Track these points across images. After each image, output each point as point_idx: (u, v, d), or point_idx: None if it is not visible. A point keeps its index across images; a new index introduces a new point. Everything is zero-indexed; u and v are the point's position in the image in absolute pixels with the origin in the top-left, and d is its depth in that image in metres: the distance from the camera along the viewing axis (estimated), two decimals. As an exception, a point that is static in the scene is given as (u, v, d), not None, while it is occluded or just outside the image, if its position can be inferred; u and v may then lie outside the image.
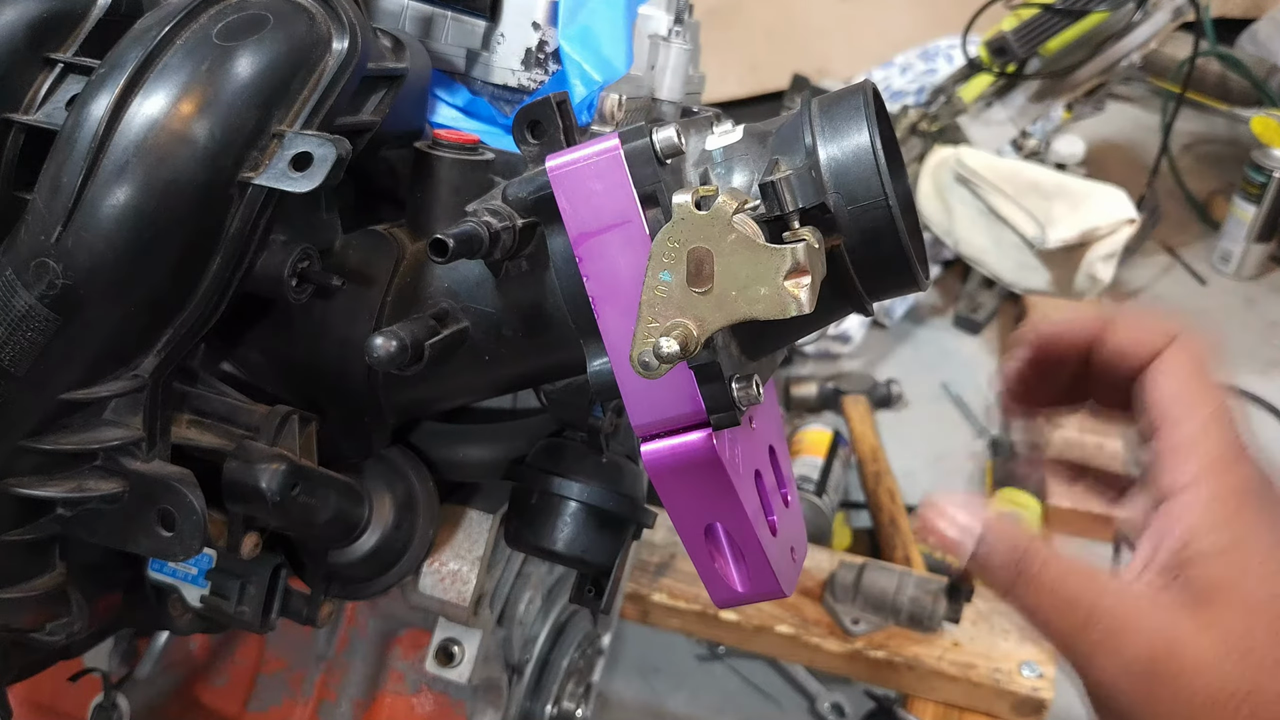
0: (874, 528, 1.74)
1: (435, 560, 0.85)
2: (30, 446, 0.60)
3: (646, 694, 1.54)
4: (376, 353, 0.57)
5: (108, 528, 0.63)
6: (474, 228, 0.57)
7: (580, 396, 0.73)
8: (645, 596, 1.45)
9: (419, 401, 0.73)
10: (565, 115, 0.56)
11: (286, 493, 0.64)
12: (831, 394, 2.02)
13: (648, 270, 0.46)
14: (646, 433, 0.52)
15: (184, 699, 0.97)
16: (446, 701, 0.92)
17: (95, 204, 0.56)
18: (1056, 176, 2.07)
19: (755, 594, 0.55)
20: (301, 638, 0.94)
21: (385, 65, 0.70)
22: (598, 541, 0.77)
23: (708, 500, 0.52)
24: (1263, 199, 2.39)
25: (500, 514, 0.86)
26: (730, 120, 0.60)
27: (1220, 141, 2.89)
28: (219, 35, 0.59)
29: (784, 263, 0.44)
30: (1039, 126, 2.52)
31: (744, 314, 0.44)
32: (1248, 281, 2.49)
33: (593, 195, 0.50)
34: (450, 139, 0.70)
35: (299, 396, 0.71)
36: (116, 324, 0.59)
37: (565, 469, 0.78)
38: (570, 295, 0.55)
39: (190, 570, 0.80)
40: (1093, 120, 2.87)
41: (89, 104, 0.57)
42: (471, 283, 0.65)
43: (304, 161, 0.57)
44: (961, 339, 2.28)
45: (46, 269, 0.56)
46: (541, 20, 0.77)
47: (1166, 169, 2.60)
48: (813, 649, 1.41)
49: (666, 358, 0.45)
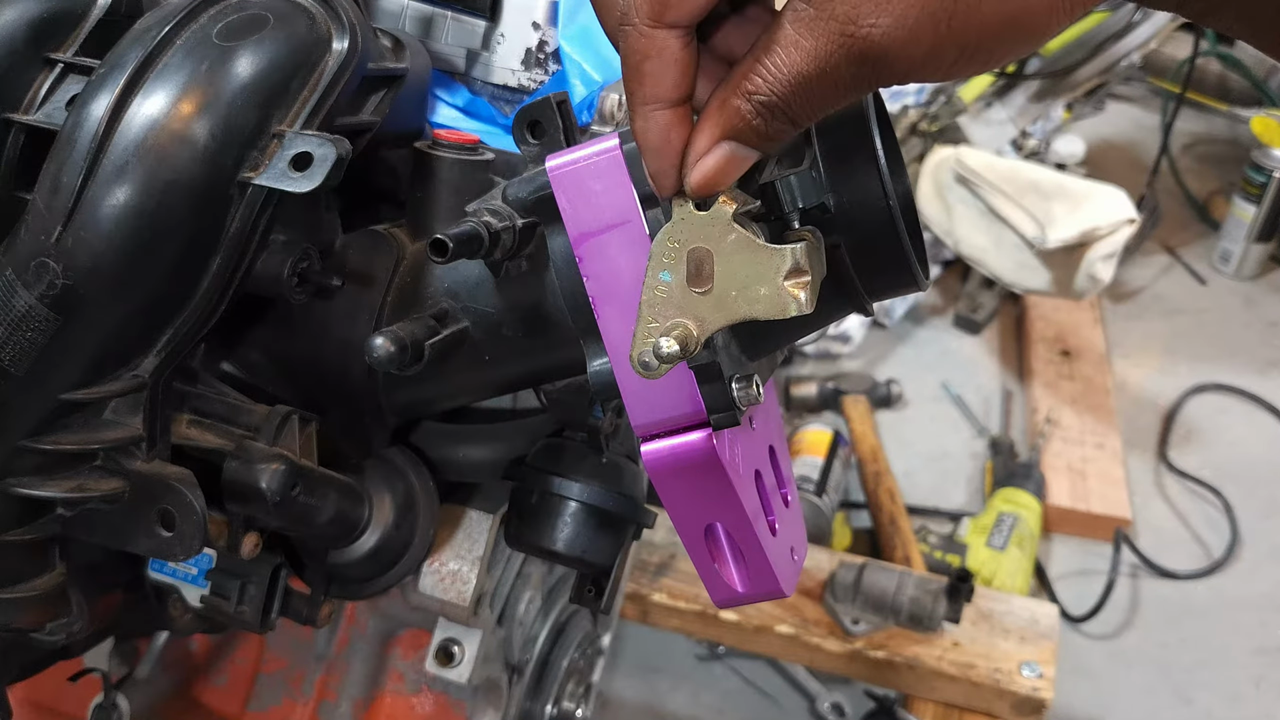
0: (874, 528, 1.74)
1: (435, 560, 0.85)
2: (30, 446, 0.59)
3: (646, 694, 1.54)
4: (376, 353, 0.57)
5: (108, 528, 0.63)
6: (474, 228, 0.57)
7: (580, 396, 0.73)
8: (645, 596, 1.45)
9: (419, 401, 0.73)
10: (565, 115, 0.56)
11: (286, 493, 0.64)
12: (831, 394, 2.02)
13: (648, 270, 0.46)
14: (646, 433, 0.52)
15: (184, 699, 0.97)
16: (446, 701, 0.92)
17: (95, 204, 0.56)
18: (1056, 176, 2.07)
19: (755, 594, 0.55)
20: (301, 638, 0.94)
21: (385, 65, 0.70)
22: (598, 541, 0.77)
23: (708, 500, 0.52)
24: (1263, 199, 2.39)
25: (500, 514, 0.86)
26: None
27: (1220, 141, 2.89)
28: (219, 35, 0.59)
29: (784, 263, 0.44)
30: (1039, 126, 2.52)
31: (744, 314, 0.44)
32: (1248, 281, 2.49)
33: (593, 195, 0.50)
34: (450, 139, 0.70)
35: (299, 397, 0.71)
36: (116, 324, 0.59)
37: (565, 469, 0.77)
38: (570, 295, 0.55)
39: (190, 570, 0.80)
40: (1093, 120, 2.87)
41: (89, 104, 0.57)
42: (471, 283, 0.65)
43: (304, 161, 0.57)
44: (961, 339, 2.28)
45: (46, 269, 0.56)
46: (541, 20, 0.77)
47: (1166, 169, 2.60)
48: (813, 649, 1.41)
49: (666, 358, 0.45)
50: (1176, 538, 1.84)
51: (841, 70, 0.40)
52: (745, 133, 0.43)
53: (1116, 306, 2.39)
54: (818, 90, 0.41)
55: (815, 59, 0.40)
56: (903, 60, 0.39)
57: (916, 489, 1.87)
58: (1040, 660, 1.38)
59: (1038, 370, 2.13)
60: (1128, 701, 1.56)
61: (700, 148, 0.43)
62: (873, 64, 0.39)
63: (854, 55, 0.39)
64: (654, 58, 0.43)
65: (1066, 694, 1.51)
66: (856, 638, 1.40)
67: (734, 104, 0.42)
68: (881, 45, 0.38)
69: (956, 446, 2.01)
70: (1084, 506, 1.83)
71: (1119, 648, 1.65)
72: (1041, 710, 1.35)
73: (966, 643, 1.40)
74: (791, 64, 0.40)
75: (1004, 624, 1.43)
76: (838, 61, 0.39)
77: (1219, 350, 2.25)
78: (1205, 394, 2.13)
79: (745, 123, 0.42)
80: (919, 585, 1.39)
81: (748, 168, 0.44)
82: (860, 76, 0.40)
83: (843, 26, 0.38)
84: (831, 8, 0.39)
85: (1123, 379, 2.17)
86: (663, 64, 0.43)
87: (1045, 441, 1.93)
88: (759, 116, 0.42)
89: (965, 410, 2.08)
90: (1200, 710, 1.56)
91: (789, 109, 0.41)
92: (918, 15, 0.37)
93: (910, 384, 2.10)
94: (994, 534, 1.68)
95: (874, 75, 0.40)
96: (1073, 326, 2.25)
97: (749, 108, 0.42)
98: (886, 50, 0.38)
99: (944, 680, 1.38)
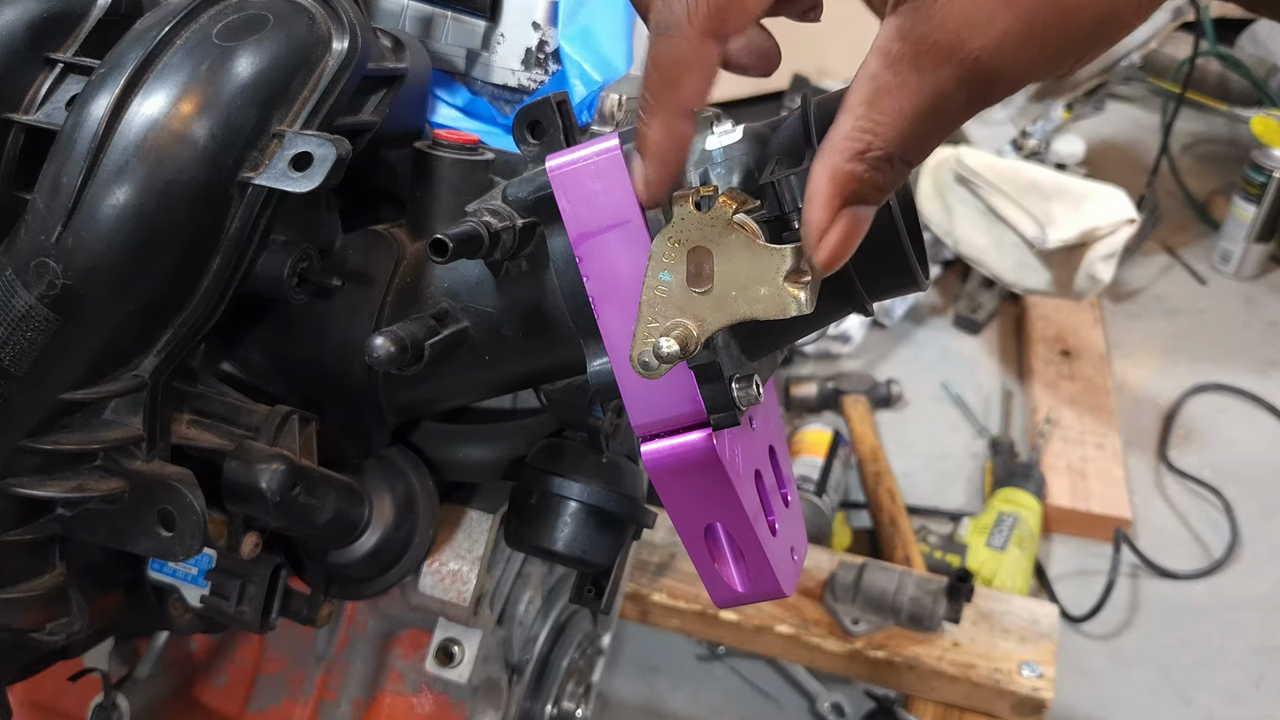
0: (874, 528, 1.74)
1: (435, 560, 0.85)
2: (30, 446, 0.60)
3: (646, 694, 1.54)
4: (376, 353, 0.57)
5: (108, 528, 0.63)
6: (474, 228, 0.57)
7: (580, 396, 0.73)
8: (645, 596, 1.45)
9: (419, 401, 0.73)
10: (565, 115, 0.56)
11: (286, 493, 0.64)
12: (831, 394, 2.02)
13: (648, 270, 0.46)
14: (646, 433, 0.52)
15: (184, 699, 0.97)
16: (446, 701, 0.92)
17: (95, 204, 0.56)
18: (1056, 176, 2.07)
19: (755, 594, 0.55)
20: (301, 638, 0.94)
21: (385, 65, 0.70)
22: (598, 541, 0.77)
23: (707, 500, 0.52)
24: (1263, 199, 2.39)
25: (500, 514, 0.86)
26: (730, 120, 0.60)
27: (1220, 141, 2.89)
28: (219, 35, 0.59)
29: (784, 263, 0.44)
30: (1039, 126, 2.52)
31: (744, 314, 0.44)
32: (1248, 281, 2.49)
33: (593, 195, 0.50)
34: (450, 139, 0.70)
35: (299, 396, 0.71)
36: (116, 324, 0.59)
37: (565, 469, 0.77)
38: (570, 295, 0.55)
39: (190, 570, 0.80)
40: (1093, 120, 2.87)
41: (89, 104, 0.57)
42: (471, 283, 0.65)
43: (304, 161, 0.57)
44: (961, 339, 2.28)
45: (46, 269, 0.56)
46: (541, 20, 0.77)
47: (1166, 169, 2.59)
48: (813, 649, 1.41)
49: (666, 358, 0.45)
50: (1176, 538, 1.84)
51: (953, 98, 0.39)
52: (864, 193, 0.41)
53: (1116, 306, 2.39)
54: (932, 124, 0.40)
55: (925, 95, 0.39)
56: (1012, 72, 0.39)
57: (916, 489, 1.87)
58: (1040, 660, 1.38)
59: (1038, 370, 2.13)
60: (1128, 701, 1.56)
61: (821, 222, 0.42)
62: (983, 83, 0.39)
63: (963, 80, 0.39)
64: (694, 67, 0.43)
65: (1066, 694, 1.51)
66: (856, 638, 1.40)
67: (846, 169, 0.41)
68: (990, 64, 0.38)
69: (956, 446, 2.01)
70: (1084, 506, 1.83)
71: (1119, 648, 1.65)
72: (1041, 710, 1.36)
73: (966, 643, 1.40)
74: (900, 108, 0.40)
75: (1004, 624, 1.43)
76: (949, 90, 0.39)
77: (1219, 350, 2.25)
78: (1205, 394, 2.13)
79: (863, 183, 0.41)
80: (919, 585, 1.39)
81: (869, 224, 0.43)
82: (973, 99, 0.39)
83: (948, 55, 0.38)
84: (933, 39, 0.38)
85: (1123, 379, 2.17)
86: (702, 74, 0.43)
87: (1045, 441, 1.93)
88: (876, 171, 0.41)
89: (965, 410, 2.08)
90: (1200, 710, 1.56)
91: (905, 153, 0.41)
92: (1019, 27, 0.37)
93: (910, 384, 2.10)
94: (994, 534, 1.68)
95: (986, 94, 0.39)
96: (1073, 326, 2.25)
97: (863, 168, 0.41)
98: (995, 67, 0.38)
99: (944, 680, 1.38)
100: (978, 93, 0.39)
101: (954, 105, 0.39)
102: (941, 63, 0.38)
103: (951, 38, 0.38)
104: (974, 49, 0.38)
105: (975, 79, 0.39)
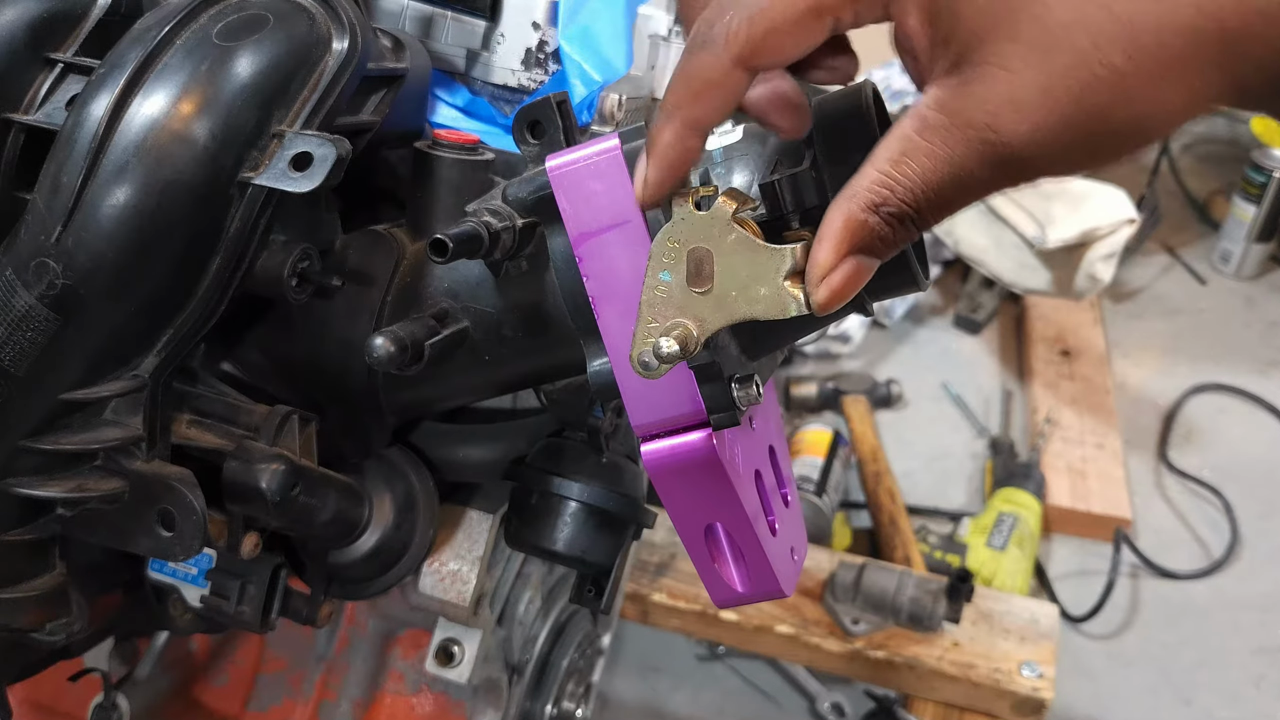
0: (874, 528, 1.74)
1: (435, 560, 0.85)
2: (30, 446, 0.60)
3: (646, 694, 1.54)
4: (376, 353, 0.57)
5: (108, 528, 0.63)
6: (474, 228, 0.57)
7: (580, 396, 0.73)
8: (645, 596, 1.45)
9: (419, 401, 0.73)
10: (565, 115, 0.56)
11: (286, 493, 0.64)
12: (831, 394, 2.02)
13: (648, 270, 0.46)
14: (646, 433, 0.52)
15: (184, 699, 0.97)
16: (446, 701, 0.92)
17: (95, 204, 0.56)
18: (1056, 176, 2.07)
19: (755, 594, 0.55)
20: (301, 638, 0.94)
21: (385, 65, 0.70)
22: (598, 541, 0.77)
23: (707, 500, 0.52)
24: (1263, 199, 2.39)
25: (500, 514, 0.86)
26: (730, 120, 0.60)
27: (1220, 141, 2.89)
28: (219, 35, 0.59)
29: (784, 263, 0.44)
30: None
31: (744, 314, 0.44)
32: (1248, 281, 2.49)
33: (593, 195, 0.50)
34: (450, 139, 0.70)
35: (299, 396, 0.71)
36: (116, 324, 0.59)
37: (565, 469, 0.78)
38: (570, 295, 0.55)
39: (190, 570, 0.80)
40: (1093, 120, 2.87)
41: (89, 104, 0.57)
42: (471, 283, 0.65)
43: (304, 161, 0.57)
44: (961, 339, 2.28)
45: (46, 269, 0.56)
46: (541, 20, 0.77)
47: (1166, 169, 2.59)
48: (813, 649, 1.41)
49: (666, 358, 0.45)
50: (1176, 538, 1.84)
51: (976, 175, 0.40)
52: (873, 245, 0.42)
53: (1116, 306, 2.39)
54: (951, 195, 0.41)
55: (950, 166, 0.40)
56: (1039, 161, 0.39)
57: (916, 489, 1.87)
58: (1040, 660, 1.38)
59: (1038, 370, 2.13)
60: (1128, 701, 1.56)
61: (826, 263, 0.43)
62: (1010, 168, 0.40)
63: (990, 162, 0.39)
64: (719, 88, 0.44)
65: (1066, 694, 1.51)
66: (856, 638, 1.40)
67: (860, 218, 0.42)
68: (1019, 151, 0.39)
69: (956, 446, 2.01)
70: (1084, 506, 1.83)
71: (1119, 648, 1.65)
72: (1041, 710, 1.35)
73: (966, 643, 1.40)
74: (924, 172, 0.40)
75: (1004, 624, 1.43)
76: (973, 167, 0.40)
77: (1219, 350, 2.25)
78: (1205, 394, 2.13)
79: (874, 235, 0.42)
80: (919, 585, 1.39)
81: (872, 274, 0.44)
82: (995, 179, 0.40)
83: (981, 134, 0.39)
84: (968, 116, 0.39)
85: (1123, 379, 2.17)
86: (724, 96, 0.44)
87: (1045, 441, 1.93)
88: (888, 227, 0.42)
89: (965, 410, 2.08)
90: (1200, 710, 1.56)
91: (919, 215, 0.42)
92: (1055, 122, 0.38)
93: (910, 384, 2.10)
94: (994, 534, 1.68)
95: (1009, 177, 0.40)
96: (1073, 326, 2.25)
97: (877, 220, 0.42)
98: (1023, 155, 0.39)
99: (944, 680, 1.38)
100: (1002, 175, 0.40)
101: (977, 181, 0.40)
102: (973, 141, 0.39)
103: (988, 119, 0.39)
104: (1006, 134, 0.39)
105: (1002, 162, 0.39)
